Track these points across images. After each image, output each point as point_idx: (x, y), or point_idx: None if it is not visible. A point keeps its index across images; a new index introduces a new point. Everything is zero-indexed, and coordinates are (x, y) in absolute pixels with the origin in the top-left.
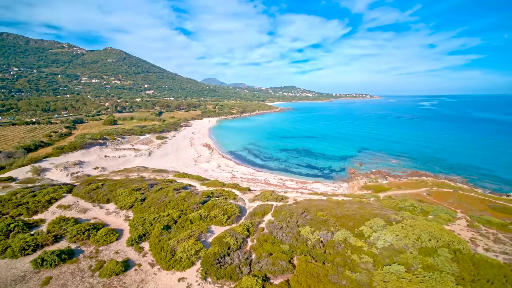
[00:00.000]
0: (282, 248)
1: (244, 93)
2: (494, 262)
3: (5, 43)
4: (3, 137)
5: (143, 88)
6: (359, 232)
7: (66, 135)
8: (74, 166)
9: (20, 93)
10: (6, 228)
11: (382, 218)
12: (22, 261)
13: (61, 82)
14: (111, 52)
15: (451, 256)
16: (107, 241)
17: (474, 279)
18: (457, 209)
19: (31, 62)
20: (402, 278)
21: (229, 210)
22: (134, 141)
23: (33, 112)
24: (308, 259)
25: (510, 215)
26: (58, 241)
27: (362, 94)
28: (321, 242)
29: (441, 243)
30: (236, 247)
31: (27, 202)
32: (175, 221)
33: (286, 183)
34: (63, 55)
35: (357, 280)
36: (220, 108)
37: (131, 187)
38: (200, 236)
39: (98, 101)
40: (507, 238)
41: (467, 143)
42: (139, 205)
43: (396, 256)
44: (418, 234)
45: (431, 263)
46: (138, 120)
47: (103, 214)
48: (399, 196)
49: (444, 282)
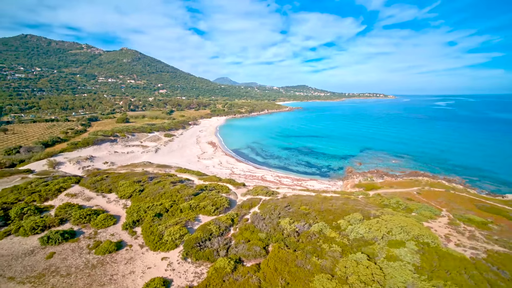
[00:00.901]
0: (259, 236)
1: (255, 92)
2: (458, 256)
3: (29, 45)
4: (25, 133)
5: (156, 88)
6: (336, 225)
7: (81, 132)
8: (86, 161)
9: (41, 92)
10: (20, 211)
11: (361, 213)
12: (31, 238)
13: (80, 81)
14: (127, 53)
15: (417, 248)
16: (105, 225)
17: (433, 269)
18: (443, 207)
19: (52, 63)
20: (361, 264)
21: (218, 202)
22: (143, 138)
23: (53, 110)
24: (281, 246)
25: (494, 215)
26: (63, 223)
27: (376, 93)
28: (297, 232)
29: (411, 237)
30: (218, 233)
31: (40, 190)
32: (166, 210)
33: (282, 180)
34: (82, 56)
35: (321, 265)
36: (229, 107)
37: (132, 179)
38: (187, 223)
39: (113, 100)
40: (482, 235)
41: (475, 144)
42: (137, 195)
43: (364, 247)
44: (390, 228)
45: (396, 254)
46: (149, 119)
47: (105, 202)
48: (389, 194)
49: (401, 270)
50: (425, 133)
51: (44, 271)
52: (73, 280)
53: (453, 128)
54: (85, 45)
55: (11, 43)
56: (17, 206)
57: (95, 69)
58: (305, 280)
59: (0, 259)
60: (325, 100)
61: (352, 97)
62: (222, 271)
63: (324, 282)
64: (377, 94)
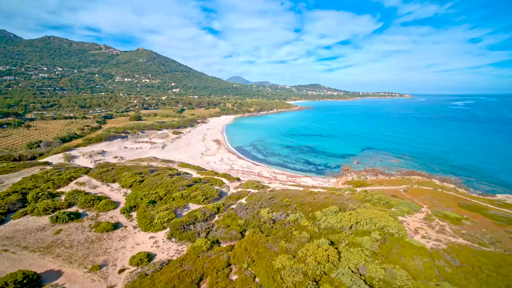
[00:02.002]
0: (238, 222)
1: (267, 92)
2: (418, 246)
3: (52, 46)
4: (45, 129)
5: (170, 87)
6: (312, 216)
7: (96, 129)
8: (98, 155)
9: (62, 91)
10: (36, 196)
11: (339, 206)
12: (43, 218)
13: (98, 80)
14: (143, 53)
15: (381, 237)
16: (106, 209)
17: (389, 255)
18: (425, 204)
19: (73, 63)
20: (321, 248)
21: (209, 193)
22: (152, 135)
23: (72, 108)
24: (256, 232)
25: (473, 212)
26: (71, 206)
27: (391, 92)
28: (273, 220)
29: (377, 227)
30: (202, 219)
31: (54, 179)
32: (160, 198)
33: (277, 176)
34: (100, 56)
35: (287, 248)
36: (238, 106)
37: (134, 171)
38: (177, 210)
39: (128, 99)
40: (451, 229)
41: (482, 145)
42: (137, 185)
43: (332, 234)
44: (359, 219)
45: (358, 241)
46: (160, 117)
47: (108, 190)
48: (375, 191)
49: (358, 254)
50: (432, 133)
51: (51, 243)
52: (74, 251)
53: (463, 129)
54: (103, 46)
55: (36, 44)
56: (34, 191)
57: (112, 68)
58: (269, 258)
59: (17, 233)
60: (338, 100)
61: (366, 97)
62: (199, 249)
63: (284, 261)
64: (393, 93)
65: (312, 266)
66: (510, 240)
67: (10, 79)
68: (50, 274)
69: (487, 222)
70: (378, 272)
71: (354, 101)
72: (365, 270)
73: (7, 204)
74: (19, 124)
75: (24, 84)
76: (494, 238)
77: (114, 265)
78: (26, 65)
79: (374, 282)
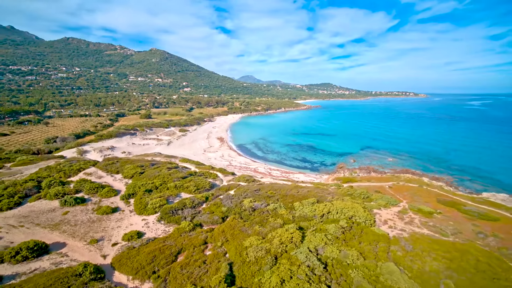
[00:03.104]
0: (222, 209)
1: (277, 91)
2: (379, 233)
3: (70, 47)
4: (62, 126)
5: (181, 86)
6: (291, 206)
7: (108, 126)
8: (107, 150)
9: (79, 90)
10: (49, 183)
11: (318, 198)
12: (54, 201)
13: (113, 80)
14: (156, 53)
15: (347, 225)
16: (108, 196)
17: (350, 240)
18: (405, 199)
19: (89, 63)
20: (288, 232)
21: (200, 184)
22: (159, 132)
23: (87, 107)
24: (236, 217)
25: (448, 207)
26: (78, 193)
27: (405, 92)
28: (253, 208)
29: (345, 217)
30: (190, 206)
31: (65, 170)
32: (156, 187)
33: (272, 172)
34: (116, 56)
35: (259, 231)
36: (246, 105)
37: (136, 164)
38: (169, 198)
39: (140, 98)
40: (420, 221)
41: (486, 146)
42: (138, 176)
43: (303, 222)
44: (331, 210)
45: (325, 227)
46: (170, 115)
47: (111, 180)
48: (361, 187)
49: (320, 238)
50: (436, 134)
51: (59, 222)
52: (77, 228)
53: (471, 129)
54: (118, 46)
55: (55, 45)
56: (47, 179)
57: (126, 68)
58: (241, 239)
59: (32, 213)
60: (349, 99)
61: (378, 96)
62: (182, 230)
63: (252, 241)
64: (407, 92)
65: (275, 246)
66: (472, 232)
67: (31, 79)
68: (56, 245)
69: (459, 216)
70: (333, 252)
71: (365, 101)
72: (323, 251)
73: (25, 190)
74: (38, 121)
75: (44, 84)
76: (457, 229)
77: (109, 240)
78: (46, 66)
79: (327, 260)
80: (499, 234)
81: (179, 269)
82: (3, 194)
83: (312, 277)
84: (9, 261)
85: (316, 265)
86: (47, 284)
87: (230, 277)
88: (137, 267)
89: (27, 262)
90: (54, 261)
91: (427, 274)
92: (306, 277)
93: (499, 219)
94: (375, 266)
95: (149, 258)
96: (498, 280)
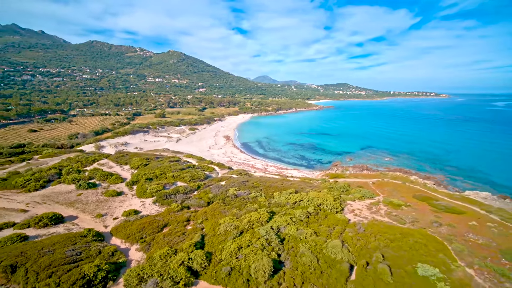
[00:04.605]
0: (209, 196)
1: (291, 91)
2: (341, 218)
3: (94, 50)
4: (84, 124)
5: (197, 86)
6: (271, 195)
7: (125, 124)
8: (121, 145)
9: (101, 91)
10: (68, 171)
11: (297, 190)
12: (71, 185)
13: (132, 81)
14: (173, 54)
15: (314, 211)
16: (115, 182)
17: (312, 222)
18: (383, 194)
19: (111, 65)
20: (257, 213)
21: (196, 175)
22: (170, 130)
23: (108, 106)
24: (219, 202)
25: (420, 201)
26: (91, 179)
27: (425, 92)
28: (235, 195)
29: (314, 204)
30: (183, 192)
31: (82, 161)
32: (156, 177)
33: (268, 168)
34: (136, 58)
35: (235, 213)
36: (257, 105)
37: (143, 157)
38: (166, 185)
39: (157, 98)
40: (385, 212)
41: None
42: (143, 167)
43: (276, 207)
44: (303, 199)
45: (293, 212)
46: (183, 114)
47: (120, 170)
48: (346, 182)
49: (285, 219)
50: (443, 135)
51: (74, 201)
52: (88, 206)
53: (483, 130)
54: (138, 49)
55: (81, 48)
56: (67, 168)
57: (145, 69)
58: (218, 218)
59: (53, 194)
60: (365, 99)
61: (396, 96)
62: (171, 210)
63: (227, 220)
64: (427, 92)
65: (244, 223)
66: (429, 221)
67: (59, 80)
68: (70, 217)
69: (427, 209)
70: (292, 230)
71: (381, 101)
72: (284, 229)
73: (48, 176)
74: (63, 119)
75: (70, 85)
76: (415, 219)
77: (111, 215)
78: (72, 67)
79: (285, 236)
80: (454, 224)
81: (162, 237)
82: (31, 179)
83: (267, 247)
84: (34, 226)
85: (273, 239)
86: (60, 240)
87: (200, 244)
88: (129, 233)
89: (47, 227)
90: (67, 228)
91: (366, 249)
92: (261, 246)
93: (464, 212)
94: (323, 242)
95: (139, 228)
96: (425, 256)
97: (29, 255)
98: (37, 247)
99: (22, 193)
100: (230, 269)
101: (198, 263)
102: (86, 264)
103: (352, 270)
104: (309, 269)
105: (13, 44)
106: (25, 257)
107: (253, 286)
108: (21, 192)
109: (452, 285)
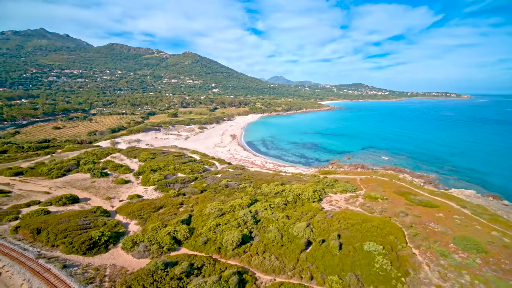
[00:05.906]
0: (203, 185)
1: (304, 92)
2: (315, 206)
3: (114, 52)
4: (102, 122)
5: (210, 87)
6: (259, 186)
7: (139, 123)
8: (134, 142)
9: (120, 91)
10: (85, 162)
11: (283, 182)
12: (87, 174)
13: (149, 82)
14: (188, 56)
15: (292, 200)
16: (124, 172)
17: (288, 209)
18: (366, 189)
19: (130, 66)
20: (241, 199)
21: (195, 168)
22: (180, 129)
23: (125, 106)
24: (211, 191)
25: (398, 196)
26: (104, 169)
27: (446, 92)
28: (226, 185)
29: (293, 194)
30: (181, 182)
31: (97, 154)
32: (160, 168)
33: (266, 164)
34: (153, 60)
35: (222, 200)
36: (267, 106)
37: (150, 151)
38: (167, 175)
39: (171, 98)
40: (360, 203)
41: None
42: (149, 160)
43: (260, 196)
44: (285, 189)
45: (274, 200)
46: (194, 114)
47: (129, 162)
48: (335, 178)
49: (263, 206)
50: (451, 136)
51: (88, 186)
52: (99, 191)
53: (494, 132)
54: (155, 51)
55: (102, 51)
56: (84, 159)
57: (162, 71)
58: (207, 203)
59: (72, 180)
60: (380, 100)
61: (414, 97)
62: (168, 196)
63: (213, 204)
64: (448, 93)
65: (227, 207)
66: (397, 212)
67: (81, 81)
68: (84, 199)
69: (401, 202)
70: (267, 214)
71: (396, 102)
72: (261, 213)
73: (68, 166)
74: (84, 118)
75: (91, 85)
76: (385, 209)
77: (118, 198)
78: (94, 69)
79: (261, 219)
80: (419, 215)
81: (157, 216)
82: (54, 168)
83: (242, 225)
84: (55, 204)
85: (249, 219)
86: (74, 214)
87: (187, 221)
88: (130, 212)
89: (65, 205)
90: (81, 206)
91: (327, 230)
92: (237, 224)
93: (438, 206)
94: (291, 223)
95: (139, 208)
96: (377, 237)
97: (50, 222)
98: (57, 218)
99: (47, 179)
100: (207, 240)
101: (182, 234)
102: (93, 231)
103: (309, 245)
104: (272, 242)
105: (41, 47)
106: (47, 224)
107: (222, 252)
108: (45, 179)
109: (391, 259)
